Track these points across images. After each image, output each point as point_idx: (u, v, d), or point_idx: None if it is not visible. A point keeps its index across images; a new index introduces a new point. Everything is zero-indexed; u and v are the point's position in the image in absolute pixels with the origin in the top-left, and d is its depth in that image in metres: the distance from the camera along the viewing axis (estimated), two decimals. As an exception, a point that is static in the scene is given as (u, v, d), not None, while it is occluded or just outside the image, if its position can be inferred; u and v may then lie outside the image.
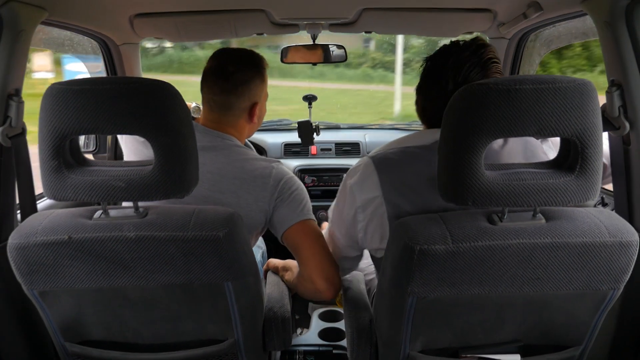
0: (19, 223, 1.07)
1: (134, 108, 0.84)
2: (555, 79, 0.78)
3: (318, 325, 1.92)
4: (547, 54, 1.90)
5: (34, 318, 1.06)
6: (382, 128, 2.81)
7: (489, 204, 0.83)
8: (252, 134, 1.41)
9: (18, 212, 1.17)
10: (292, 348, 1.77)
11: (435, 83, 1.06)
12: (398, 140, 1.12)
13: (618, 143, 1.12)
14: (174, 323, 1.05)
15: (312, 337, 1.86)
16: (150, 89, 0.85)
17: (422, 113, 1.14)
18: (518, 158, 1.05)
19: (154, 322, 1.04)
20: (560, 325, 1.00)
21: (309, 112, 2.40)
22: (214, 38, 1.94)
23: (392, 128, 2.77)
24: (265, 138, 2.53)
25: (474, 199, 0.83)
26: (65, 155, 0.88)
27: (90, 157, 1.74)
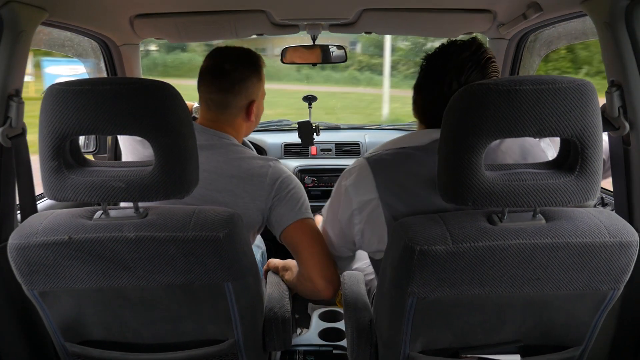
0: (19, 223, 1.07)
1: (134, 108, 0.84)
2: (555, 80, 0.78)
3: (318, 325, 1.92)
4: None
5: (34, 318, 1.06)
6: (382, 128, 2.82)
7: (489, 205, 0.83)
8: (249, 133, 1.40)
9: (18, 212, 1.17)
10: (292, 348, 1.77)
11: (436, 83, 1.06)
12: (394, 141, 1.12)
13: (618, 143, 1.12)
14: (174, 323, 1.05)
15: (312, 337, 1.86)
16: (151, 90, 0.85)
17: (421, 113, 1.13)
18: (514, 157, 1.05)
19: (154, 322, 1.04)
20: (561, 326, 1.00)
21: (309, 112, 2.41)
22: (214, 39, 1.94)
23: (392, 128, 2.77)
24: (265, 138, 2.53)
25: (474, 200, 0.83)
26: (66, 156, 0.88)
27: (91, 157, 1.74)
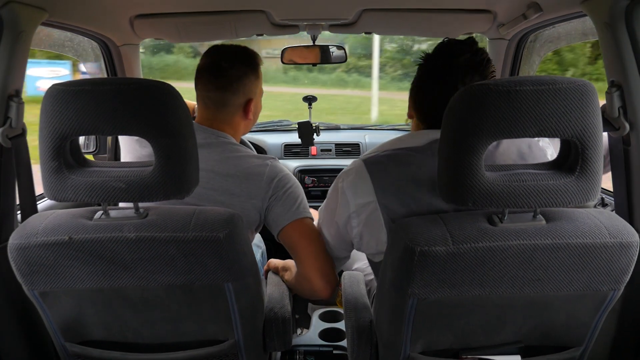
0: (19, 224, 1.07)
1: (134, 109, 0.84)
2: (555, 80, 0.78)
3: (318, 326, 1.92)
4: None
5: (35, 318, 1.06)
6: (382, 129, 2.82)
7: (489, 205, 0.83)
8: (248, 131, 1.40)
9: (18, 212, 1.17)
10: (292, 348, 1.77)
11: (437, 83, 1.05)
12: (391, 142, 1.11)
13: (618, 144, 1.12)
14: (174, 323, 1.05)
15: (312, 337, 1.85)
16: (151, 90, 0.85)
17: (421, 113, 1.11)
18: (512, 157, 1.05)
19: (154, 322, 1.04)
20: (561, 326, 1.00)
21: (309, 112, 2.41)
22: (214, 39, 1.94)
23: (392, 129, 2.77)
24: (266, 139, 2.53)
25: (475, 200, 0.83)
26: (66, 156, 0.88)
27: (91, 158, 1.74)
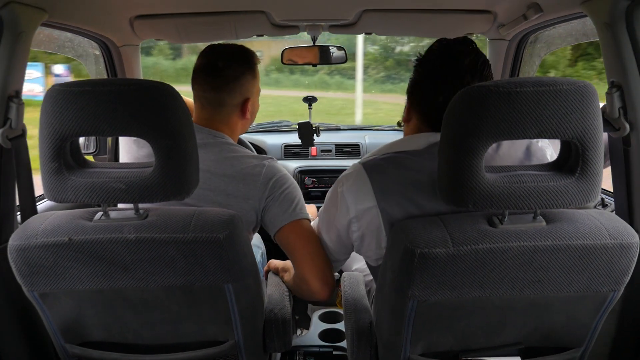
0: (19, 225, 1.07)
1: (134, 110, 0.84)
2: (556, 81, 0.78)
3: (318, 326, 1.92)
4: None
5: (34, 319, 1.06)
6: (382, 129, 2.82)
7: (490, 207, 0.83)
8: (245, 130, 1.39)
9: (18, 213, 1.17)
10: (292, 349, 1.77)
11: (439, 83, 1.03)
12: (390, 145, 1.09)
13: (618, 144, 1.12)
14: (174, 325, 1.05)
15: (312, 338, 1.85)
16: (151, 91, 0.85)
17: (423, 114, 1.09)
18: (512, 160, 1.04)
19: (154, 323, 1.04)
20: (561, 327, 1.00)
21: (309, 113, 2.40)
22: (214, 39, 1.94)
23: (392, 129, 2.77)
24: (265, 139, 2.54)
25: (475, 202, 0.82)
26: (66, 157, 0.88)
27: (91, 158, 1.74)
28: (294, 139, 2.39)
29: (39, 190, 1.08)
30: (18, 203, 1.15)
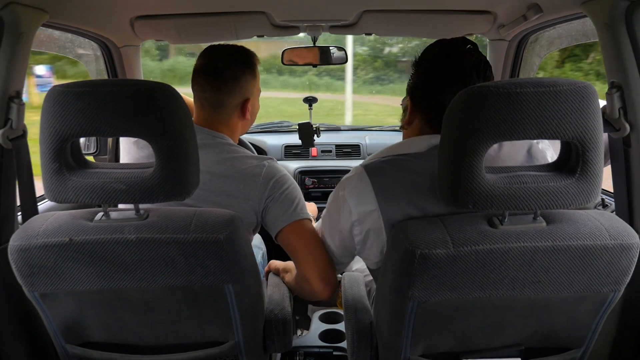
0: (20, 225, 1.07)
1: (135, 110, 0.84)
2: (556, 82, 0.78)
3: (318, 327, 1.92)
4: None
5: (35, 320, 1.06)
6: (382, 130, 2.82)
7: (490, 208, 0.83)
8: (246, 131, 1.39)
9: (19, 214, 1.17)
10: (292, 349, 1.77)
11: (444, 83, 1.01)
12: (391, 148, 1.09)
13: (618, 145, 1.12)
14: (175, 325, 1.05)
15: (312, 338, 1.85)
16: (151, 91, 0.85)
17: (427, 115, 1.06)
18: (513, 162, 1.04)
19: (155, 324, 1.04)
20: (561, 328, 1.00)
21: (310, 114, 2.41)
22: (215, 40, 1.94)
23: (392, 130, 2.77)
24: (266, 140, 2.54)
25: (475, 203, 0.82)
26: (67, 158, 0.88)
27: (91, 159, 1.74)
28: (294, 140, 2.39)
29: (40, 191, 1.09)
30: (19, 203, 1.15)
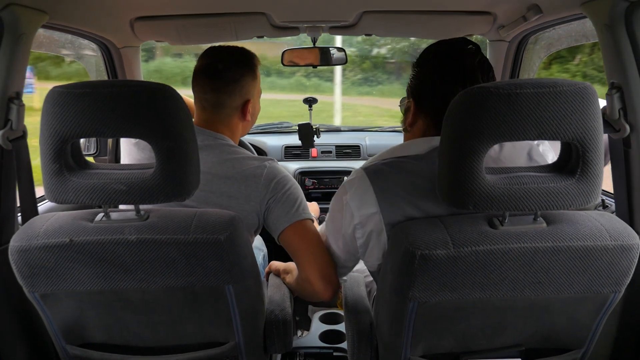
0: (20, 226, 1.07)
1: (135, 111, 0.84)
2: (556, 83, 0.78)
3: (318, 328, 1.92)
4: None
5: (35, 321, 1.06)
6: (382, 130, 2.82)
7: (490, 208, 0.83)
8: (246, 132, 1.39)
9: (19, 214, 1.17)
10: (292, 350, 1.77)
11: (448, 83, 1.00)
12: (391, 150, 1.08)
13: (618, 145, 1.12)
14: (175, 326, 1.05)
15: (312, 339, 1.85)
16: (151, 92, 0.85)
17: (431, 116, 1.05)
18: (514, 165, 1.03)
19: (155, 324, 1.04)
20: (562, 329, 1.00)
21: (310, 114, 2.41)
22: (215, 41, 1.94)
23: (392, 130, 2.77)
24: (266, 140, 2.54)
25: (475, 203, 0.82)
26: (67, 159, 0.88)
27: (91, 160, 1.74)
28: (295, 140, 2.39)
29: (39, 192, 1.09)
30: (19, 204, 1.15)
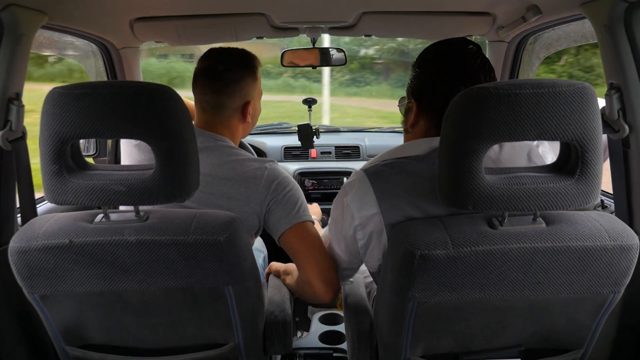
0: (20, 227, 1.07)
1: (135, 112, 0.84)
2: (555, 83, 0.78)
3: (318, 328, 1.92)
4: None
5: (35, 322, 1.06)
6: (382, 131, 2.82)
7: (490, 209, 0.83)
8: (247, 134, 1.39)
9: (18, 215, 1.17)
10: (292, 351, 1.77)
11: (450, 83, 1.00)
12: (391, 151, 1.08)
13: (617, 146, 1.12)
14: (175, 327, 1.05)
15: (312, 340, 1.85)
16: (151, 93, 0.85)
17: (434, 117, 1.05)
18: (514, 164, 1.04)
19: (155, 326, 1.04)
20: (561, 329, 1.00)
21: (309, 115, 2.41)
22: (214, 42, 1.95)
23: (392, 131, 2.77)
24: (265, 141, 2.54)
25: (474, 204, 0.82)
26: (66, 159, 0.88)
27: (91, 160, 1.74)
28: (294, 141, 2.40)
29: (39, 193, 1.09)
30: (18, 205, 1.15)
